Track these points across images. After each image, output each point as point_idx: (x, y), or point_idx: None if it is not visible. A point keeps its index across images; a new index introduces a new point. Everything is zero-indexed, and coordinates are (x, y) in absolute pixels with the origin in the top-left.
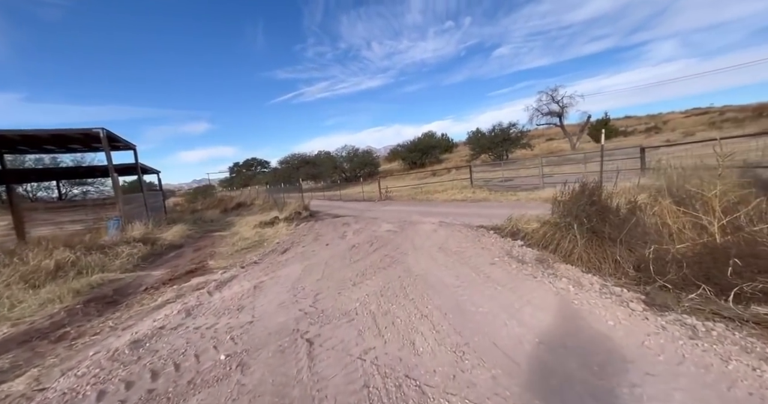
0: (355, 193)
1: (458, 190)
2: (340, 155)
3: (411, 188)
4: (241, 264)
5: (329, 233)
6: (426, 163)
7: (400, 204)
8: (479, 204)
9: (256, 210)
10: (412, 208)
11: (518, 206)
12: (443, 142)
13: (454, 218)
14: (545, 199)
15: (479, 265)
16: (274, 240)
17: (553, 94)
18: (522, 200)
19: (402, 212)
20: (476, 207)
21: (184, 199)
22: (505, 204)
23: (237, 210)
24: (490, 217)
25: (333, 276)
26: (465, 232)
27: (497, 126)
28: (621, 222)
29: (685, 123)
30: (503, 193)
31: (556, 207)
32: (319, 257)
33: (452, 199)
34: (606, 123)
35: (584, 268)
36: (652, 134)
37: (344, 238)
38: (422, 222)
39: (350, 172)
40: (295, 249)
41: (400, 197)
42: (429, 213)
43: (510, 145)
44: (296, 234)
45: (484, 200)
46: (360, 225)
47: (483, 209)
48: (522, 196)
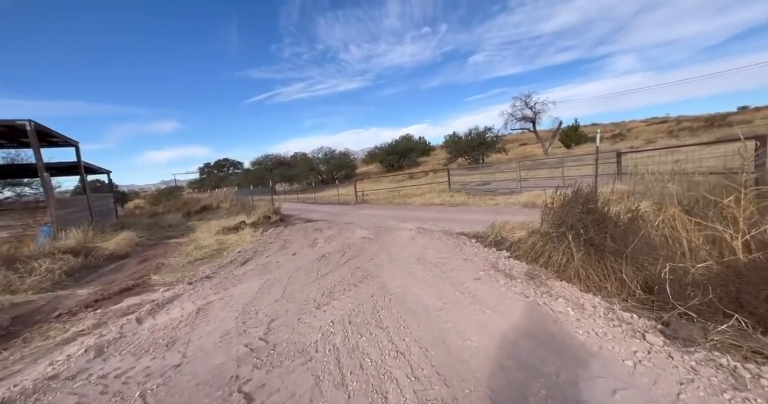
0: (330, 195)
1: (436, 193)
2: (317, 157)
3: (388, 191)
4: (190, 280)
5: (298, 240)
6: (404, 166)
7: (376, 208)
8: (458, 209)
9: (222, 214)
10: (388, 213)
11: (498, 211)
12: (421, 145)
13: (432, 224)
14: (524, 204)
15: (463, 281)
16: (236, 249)
17: (526, 100)
18: (501, 205)
19: (378, 217)
20: (455, 212)
21: (146, 201)
22: (484, 208)
23: (201, 214)
24: (470, 223)
25: (295, 296)
26: (445, 240)
27: (474, 130)
28: (623, 234)
29: (646, 131)
30: (481, 197)
31: (546, 215)
32: (282, 270)
33: (430, 203)
34: (576, 129)
35: (582, 286)
36: (618, 140)
37: (314, 247)
38: (399, 229)
39: (327, 174)
40: (258, 259)
41: (376, 200)
42: (406, 218)
43: (486, 149)
44: (262, 242)
45: (462, 204)
46: (333, 231)
47: (462, 214)
48: (500, 201)
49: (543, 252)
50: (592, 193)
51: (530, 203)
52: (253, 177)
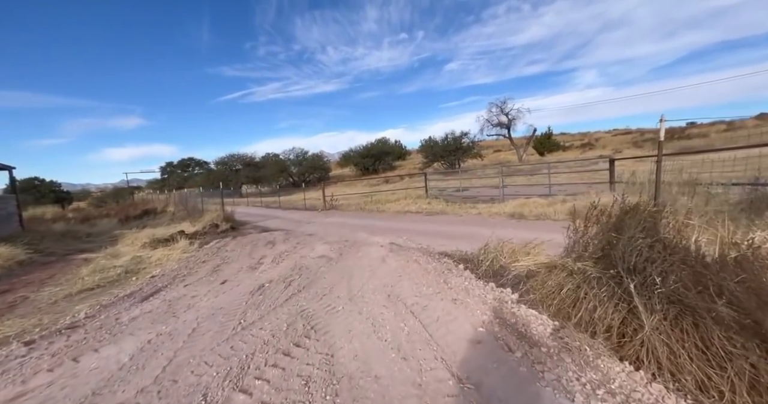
0: (298, 199)
1: (412, 199)
2: (288, 158)
3: (361, 196)
4: (39, 332)
5: (239, 259)
6: (379, 170)
7: (346, 215)
8: (436, 219)
9: (164, 221)
10: (359, 222)
11: (482, 222)
12: (396, 148)
13: (408, 237)
14: (510, 214)
15: (456, 347)
16: (153, 272)
17: (502, 106)
18: (484, 214)
19: (346, 226)
20: (434, 223)
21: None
22: (465, 219)
23: (141, 220)
24: (452, 238)
25: (180, 377)
26: (424, 263)
27: (450, 134)
28: (744, 292)
29: (613, 141)
30: (461, 204)
31: (576, 240)
32: (192, 313)
33: (406, 211)
34: (549, 137)
35: (671, 381)
36: (587, 149)
37: (255, 270)
38: (369, 244)
39: (298, 177)
40: (170, 291)
41: (347, 206)
42: (378, 228)
43: (462, 154)
44: (192, 261)
45: (441, 213)
46: (288, 245)
47: (442, 225)
48: (483, 210)
49: (577, 301)
50: (653, 211)
51: (517, 213)
52: (215, 178)
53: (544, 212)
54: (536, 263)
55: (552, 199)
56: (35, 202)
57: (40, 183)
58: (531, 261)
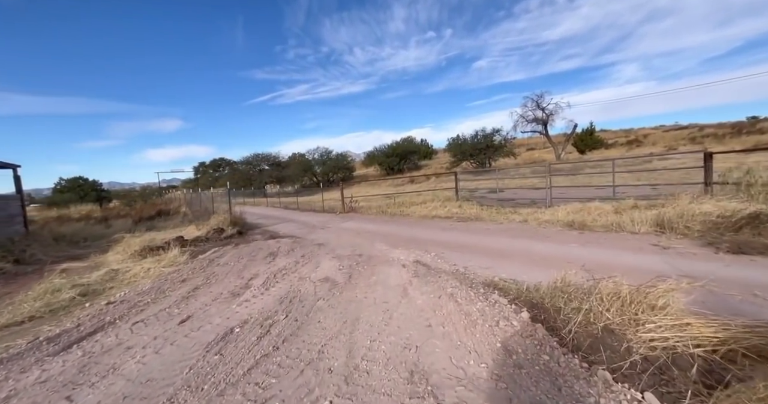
0: (317, 200)
1: (440, 202)
2: (313, 157)
3: (384, 198)
4: None
5: (226, 278)
6: (404, 169)
7: (365, 219)
8: (471, 227)
9: (174, 222)
10: (378, 228)
11: (533, 234)
12: (423, 147)
13: (438, 252)
14: (567, 224)
15: None
16: (115, 295)
17: (538, 101)
18: (531, 222)
19: (363, 234)
20: (468, 232)
21: (122, 202)
22: (509, 228)
23: (152, 221)
24: (497, 256)
25: None
26: (465, 304)
27: (480, 132)
28: None
29: (665, 137)
30: (498, 209)
31: None
32: (97, 391)
33: (433, 216)
34: (591, 133)
35: None
36: (634, 147)
37: (235, 299)
38: (387, 262)
39: (322, 176)
40: (108, 333)
41: (368, 209)
42: (400, 238)
43: (494, 153)
44: (171, 279)
45: (476, 219)
46: (290, 259)
47: (479, 236)
48: (528, 216)
49: None
50: None
51: (577, 223)
52: (240, 177)
53: (614, 221)
54: (692, 336)
55: (617, 203)
56: (79, 200)
57: (83, 182)
58: (672, 326)
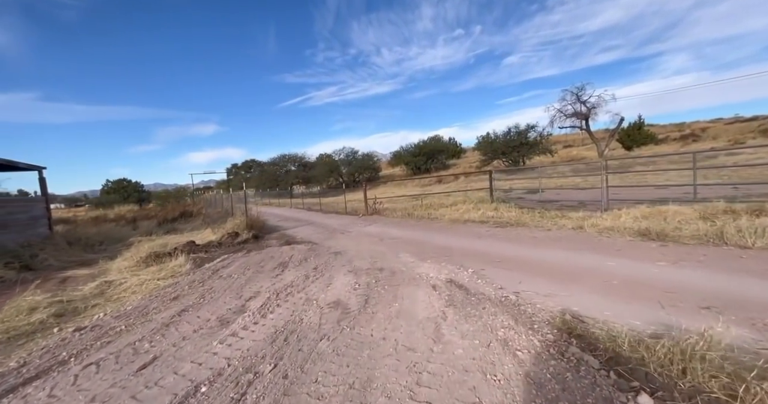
0: (342, 202)
1: (473, 204)
2: (339, 157)
3: (410, 199)
4: None
5: (222, 298)
6: (431, 169)
7: (390, 223)
8: (513, 234)
9: (194, 225)
10: (404, 234)
11: (595, 245)
12: (451, 146)
13: (476, 269)
14: (639, 232)
15: None
16: (93, 316)
17: (578, 94)
18: (589, 230)
19: (386, 241)
20: (511, 242)
21: (156, 203)
22: (561, 237)
23: (173, 224)
24: (555, 276)
25: None
26: (528, 360)
27: (514, 128)
28: None
29: (728, 130)
30: (543, 212)
31: None
32: None
33: (465, 220)
34: (640, 127)
35: None
36: (690, 142)
37: (222, 330)
38: (413, 280)
39: (348, 177)
40: (51, 379)
41: (393, 211)
42: (429, 247)
43: (528, 150)
44: (162, 296)
45: (517, 224)
46: (301, 272)
47: (526, 246)
48: (583, 222)
49: None
50: None
51: (653, 231)
52: (266, 179)
53: (708, 231)
54: None
55: (700, 206)
56: (123, 200)
57: (127, 184)
58: None
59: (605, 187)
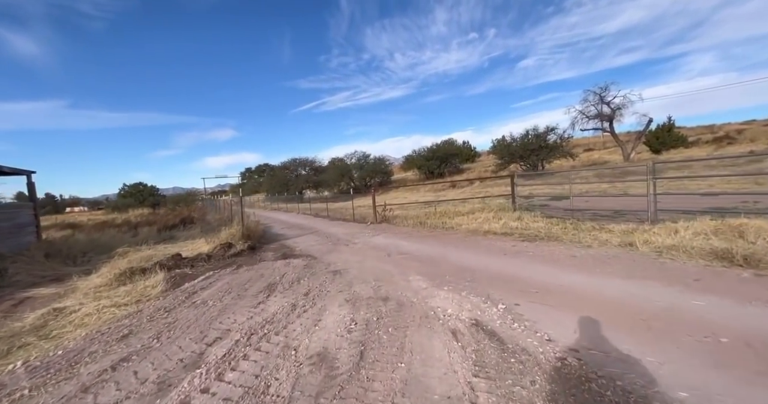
0: (348, 207)
1: (492, 212)
2: (350, 162)
3: (422, 206)
4: None
5: (179, 340)
6: (445, 173)
7: (399, 233)
8: (547, 252)
9: (194, 232)
10: (415, 248)
11: (664, 272)
12: (465, 150)
13: (508, 304)
14: (714, 254)
15: None
16: (8, 366)
17: (602, 95)
18: (643, 249)
19: (395, 256)
20: (545, 262)
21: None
22: (609, 257)
23: (172, 231)
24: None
25: None
26: None
27: (532, 131)
28: None
29: (766, 132)
30: (575, 224)
31: None
32: None
33: (485, 231)
34: (670, 129)
35: None
36: (725, 144)
37: (157, 399)
38: (426, 319)
39: (360, 181)
40: None
41: (404, 219)
42: (445, 267)
43: (548, 154)
44: (112, 331)
45: (548, 238)
46: (288, 299)
47: (566, 270)
48: (633, 237)
49: None
50: None
51: (739, 254)
52: (276, 182)
53: None
54: None
55: None
56: (138, 204)
57: (143, 187)
58: None
59: (653, 194)
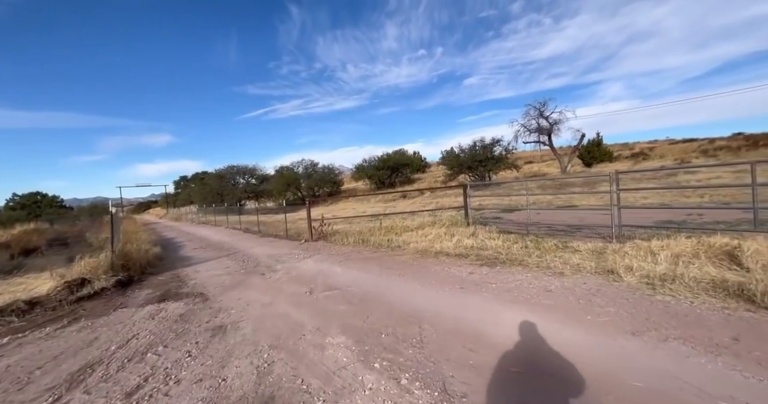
0: (295, 219)
1: (444, 227)
2: (296, 170)
3: (369, 219)
4: None
5: None
6: (396, 183)
7: (336, 254)
8: (511, 284)
9: (57, 259)
10: (349, 277)
11: (669, 317)
12: (416, 160)
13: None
14: (719, 287)
15: None
16: None
17: (541, 109)
18: (628, 279)
19: (320, 293)
20: (513, 301)
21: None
22: (591, 291)
23: (31, 256)
24: None
25: None
26: None
27: (479, 142)
28: None
29: (672, 150)
30: (536, 241)
31: None
32: None
33: (437, 252)
34: (599, 144)
35: None
36: (641, 160)
37: None
38: None
39: (307, 191)
40: None
41: (345, 236)
42: (383, 313)
43: (494, 165)
44: None
45: (509, 262)
46: None
47: (544, 318)
48: (608, 262)
49: None
50: None
51: (748, 288)
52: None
53: None
54: None
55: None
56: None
57: (41, 198)
58: None
59: (616, 206)
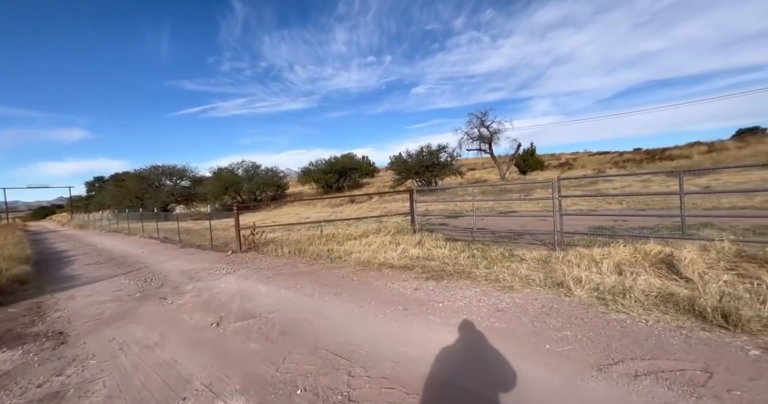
0: (227, 227)
1: (390, 235)
2: (235, 172)
3: (310, 226)
4: None
5: None
6: (344, 187)
7: (265, 268)
8: (459, 302)
9: None
10: (274, 298)
11: (646, 349)
12: (364, 164)
13: None
14: (668, 301)
15: None
16: None
17: (483, 118)
18: (579, 293)
19: (228, 327)
20: (463, 327)
21: None
22: (547, 312)
23: None
24: None
25: None
26: None
27: (426, 148)
28: None
29: (591, 160)
30: (482, 249)
31: None
32: None
33: (381, 263)
34: (532, 153)
35: None
36: (566, 169)
37: None
38: None
39: (248, 195)
40: None
41: (280, 246)
42: (305, 353)
43: (440, 171)
44: None
45: (457, 274)
46: None
47: (506, 354)
48: (556, 273)
49: None
50: None
51: (697, 303)
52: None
53: None
54: None
55: (704, 244)
56: None
57: None
58: None
59: (558, 213)
